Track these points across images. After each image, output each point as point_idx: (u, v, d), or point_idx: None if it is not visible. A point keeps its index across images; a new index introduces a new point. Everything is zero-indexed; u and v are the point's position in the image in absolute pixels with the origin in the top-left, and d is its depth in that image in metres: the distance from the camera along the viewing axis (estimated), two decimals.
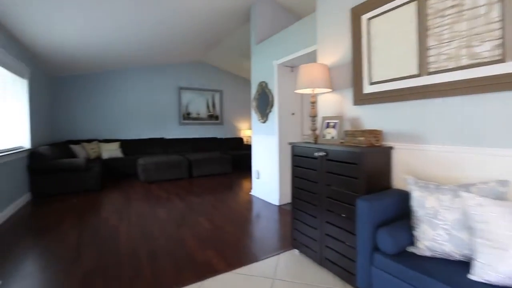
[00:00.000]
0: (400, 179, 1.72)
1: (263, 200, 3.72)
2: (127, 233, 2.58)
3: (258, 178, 3.92)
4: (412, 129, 1.67)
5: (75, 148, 5.28)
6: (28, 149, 3.83)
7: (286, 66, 3.54)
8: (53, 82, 5.58)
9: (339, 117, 2.01)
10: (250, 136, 8.28)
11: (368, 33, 1.92)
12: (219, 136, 7.81)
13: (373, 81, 1.89)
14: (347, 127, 2.07)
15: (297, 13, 4.05)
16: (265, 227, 2.73)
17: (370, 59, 1.91)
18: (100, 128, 6.18)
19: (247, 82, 8.32)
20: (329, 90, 2.15)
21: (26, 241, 2.41)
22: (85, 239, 2.43)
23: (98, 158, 5.50)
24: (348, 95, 2.08)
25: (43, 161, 3.87)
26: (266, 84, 3.67)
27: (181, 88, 7.15)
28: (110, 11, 3.40)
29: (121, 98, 6.40)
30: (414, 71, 1.64)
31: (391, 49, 1.77)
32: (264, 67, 3.73)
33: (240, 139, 7.86)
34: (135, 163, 5.64)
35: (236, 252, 2.18)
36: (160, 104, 6.90)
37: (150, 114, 6.76)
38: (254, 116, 4.00)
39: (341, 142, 1.94)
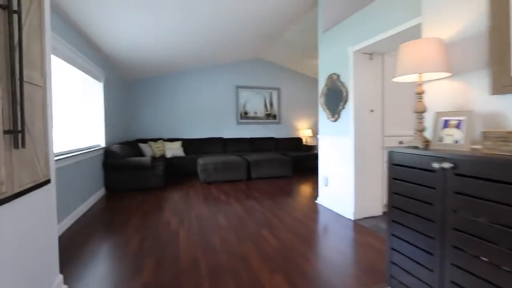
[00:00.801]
0: None
1: (332, 212, 3.20)
2: (187, 241, 2.40)
3: (326, 185, 3.41)
4: None
5: (143, 146, 5.58)
6: (103, 147, 4.10)
7: (365, 53, 2.94)
8: (125, 86, 6.03)
9: (467, 113, 1.40)
10: (309, 136, 7.72)
11: None
12: (276, 136, 7.48)
13: None
14: (479, 126, 1.44)
15: None
16: (341, 249, 2.24)
17: None
18: (165, 128, 6.47)
19: (306, 78, 7.77)
20: (447, 74, 1.55)
21: (95, 241, 2.43)
22: (147, 245, 2.33)
23: (163, 157, 5.72)
24: (480, 80, 1.45)
25: (114, 158, 4.10)
26: (338, 76, 3.14)
27: (238, 87, 7.04)
28: (173, 13, 3.35)
29: (183, 99, 6.60)
30: None
31: None
32: (336, 57, 3.20)
33: (299, 140, 7.38)
34: (195, 162, 5.71)
35: (311, 283, 1.76)
36: (218, 103, 6.91)
37: (209, 114, 6.83)
38: (322, 113, 3.50)
39: (473, 149, 1.34)
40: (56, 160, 2.65)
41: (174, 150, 5.82)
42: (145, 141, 5.98)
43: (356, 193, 2.92)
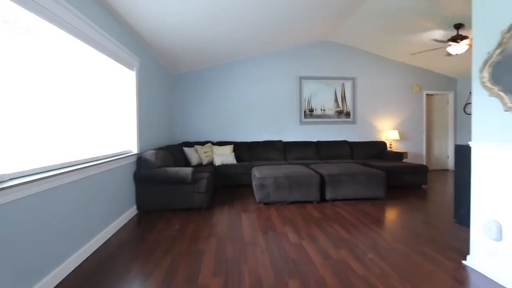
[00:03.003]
0: None
1: None
2: None
3: (498, 239, 1.76)
4: None
5: (189, 151, 4.65)
6: (135, 154, 3.19)
7: None
8: (169, 79, 5.21)
9: None
10: (395, 140, 5.86)
11: None
12: (350, 139, 5.83)
13: None
14: None
15: None
16: None
17: None
18: (214, 129, 5.48)
19: (391, 64, 5.93)
20: None
21: None
22: None
23: (211, 164, 4.70)
24: None
25: (147, 168, 3.16)
26: None
27: (302, 78, 5.64)
28: None
29: (235, 95, 5.51)
30: None
31: None
32: None
33: (382, 144, 5.59)
34: (249, 172, 4.53)
35: None
36: (277, 99, 5.62)
37: (266, 112, 5.60)
38: (488, 102, 1.85)
39: None
40: (62, 173, 1.74)
41: (223, 156, 4.75)
42: (191, 144, 5.07)
43: None
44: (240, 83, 5.51)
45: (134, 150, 3.22)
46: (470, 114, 5.92)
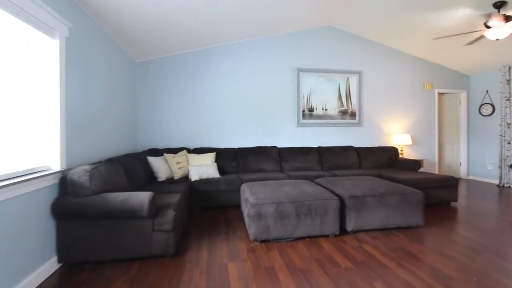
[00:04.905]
0: None
1: None
2: None
3: None
4: None
5: (155, 162, 3.46)
6: (58, 172, 1.99)
7: None
8: (130, 67, 3.98)
9: None
10: (407, 145, 5.02)
11: None
12: (356, 144, 4.91)
13: None
14: None
15: None
16: None
17: None
18: (190, 132, 4.32)
19: (404, 56, 5.12)
20: None
21: None
22: None
23: (185, 179, 3.54)
24: None
25: (74, 196, 1.96)
26: None
27: (300, 70, 4.65)
28: None
29: (218, 89, 4.40)
30: None
31: None
32: None
33: (394, 150, 4.71)
34: (236, 189, 3.44)
35: None
36: (269, 95, 4.58)
37: (255, 111, 4.53)
38: None
39: None
40: None
41: (202, 167, 3.60)
42: (160, 152, 3.89)
43: None
44: (224, 75, 4.40)
45: (56, 165, 2.01)
46: (486, 115, 5.21)
